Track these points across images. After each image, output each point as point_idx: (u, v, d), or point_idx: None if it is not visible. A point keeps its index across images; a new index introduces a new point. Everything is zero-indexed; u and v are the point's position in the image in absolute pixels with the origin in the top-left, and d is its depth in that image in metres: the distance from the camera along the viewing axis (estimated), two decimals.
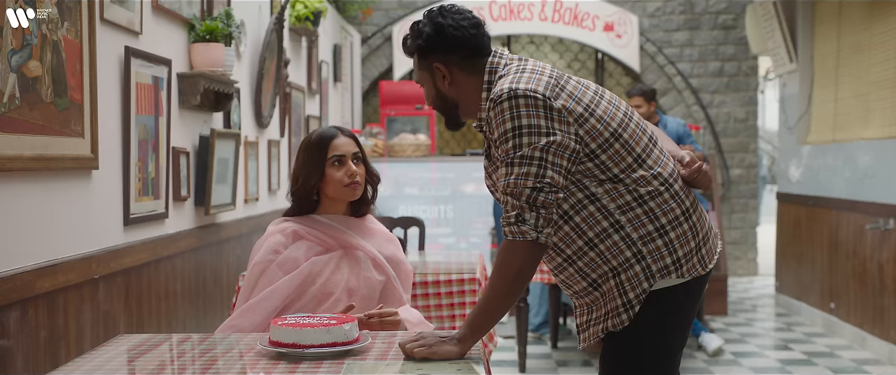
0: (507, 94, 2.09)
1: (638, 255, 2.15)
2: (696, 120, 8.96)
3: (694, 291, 2.25)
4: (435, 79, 2.28)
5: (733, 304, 7.46)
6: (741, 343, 6.01)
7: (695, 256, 2.20)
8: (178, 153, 3.61)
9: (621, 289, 2.17)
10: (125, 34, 3.11)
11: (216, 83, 3.85)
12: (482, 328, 2.11)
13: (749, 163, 9.09)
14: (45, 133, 2.55)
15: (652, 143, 2.22)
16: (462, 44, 2.22)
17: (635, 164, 2.14)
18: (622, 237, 2.15)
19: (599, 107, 2.15)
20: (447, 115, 2.35)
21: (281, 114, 5.44)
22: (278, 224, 2.64)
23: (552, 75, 2.17)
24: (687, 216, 2.19)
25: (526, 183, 2.07)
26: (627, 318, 2.17)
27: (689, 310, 2.28)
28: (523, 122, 2.07)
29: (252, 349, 2.16)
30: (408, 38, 2.31)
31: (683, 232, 2.18)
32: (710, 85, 9.04)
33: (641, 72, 9.02)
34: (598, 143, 2.12)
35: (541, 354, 5.67)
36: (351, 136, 2.69)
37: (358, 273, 2.57)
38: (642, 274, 2.16)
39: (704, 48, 9.02)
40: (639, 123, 2.23)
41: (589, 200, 2.14)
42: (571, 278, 2.25)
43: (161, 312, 3.47)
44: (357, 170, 2.65)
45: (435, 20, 2.24)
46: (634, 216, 2.14)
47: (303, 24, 5.77)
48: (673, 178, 2.19)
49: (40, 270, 2.49)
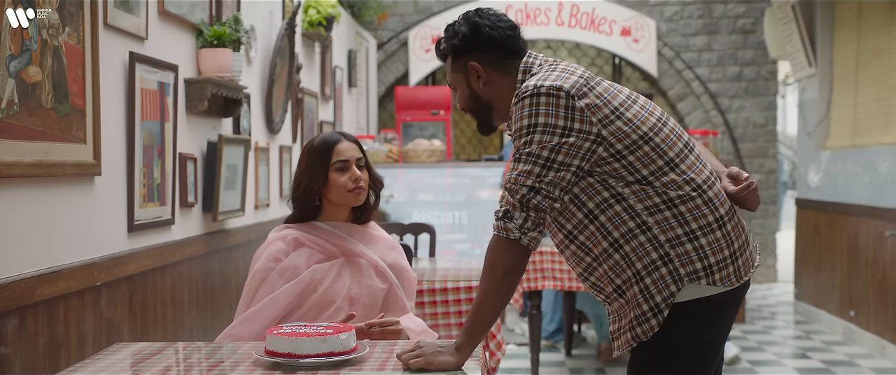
0: (531, 91, 2.07)
1: (665, 258, 2.09)
2: (714, 125, 8.87)
3: (728, 305, 2.18)
4: (469, 79, 2.25)
5: (751, 311, 7.37)
6: (758, 351, 5.93)
7: (730, 266, 2.13)
8: (185, 159, 3.60)
9: (647, 294, 2.11)
10: (130, 39, 3.10)
11: (224, 89, 3.83)
12: (478, 332, 2.07)
13: (769, 168, 8.99)
14: (45, 139, 2.53)
15: (687, 150, 2.17)
16: (498, 44, 2.21)
17: (667, 168, 2.10)
18: (649, 238, 2.09)
19: (630, 111, 2.11)
20: (480, 118, 2.31)
21: (293, 120, 5.42)
22: (279, 231, 2.61)
23: (582, 75, 2.13)
24: (721, 224, 2.12)
25: (525, 181, 2.04)
26: (657, 324, 2.11)
27: (721, 325, 2.21)
28: (540, 121, 2.05)
29: (249, 357, 2.13)
30: (442, 41, 2.29)
31: (716, 240, 2.11)
32: (729, 89, 8.95)
33: (659, 76, 8.94)
34: (624, 144, 2.07)
35: (554, 362, 5.62)
36: (354, 141, 2.66)
37: (360, 280, 2.54)
38: (669, 277, 2.09)
39: (723, 52, 8.93)
40: (674, 130, 2.19)
41: (615, 199, 2.09)
42: (601, 280, 2.20)
43: (167, 319, 3.45)
44: (361, 176, 2.61)
45: (472, 20, 2.23)
46: (663, 218, 2.09)
47: (316, 29, 5.76)
48: (707, 185, 2.13)
49: (40, 277, 2.48)
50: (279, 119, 5.01)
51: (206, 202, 3.86)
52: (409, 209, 7.34)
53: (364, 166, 2.64)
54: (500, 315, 3.90)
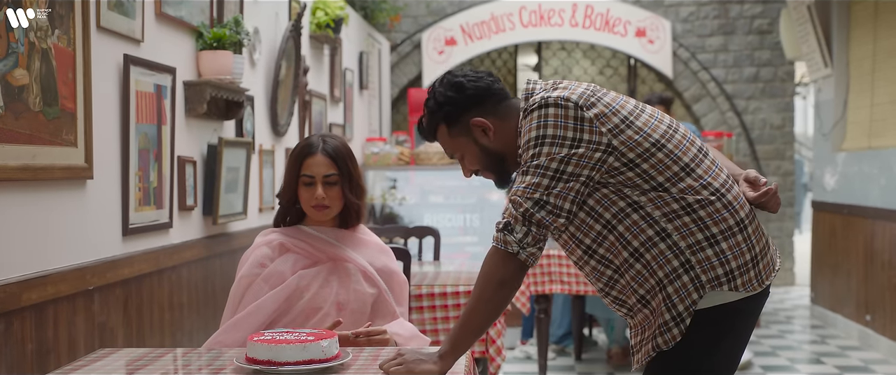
0: (539, 103, 2.05)
1: (686, 265, 2.05)
2: (730, 126, 8.78)
3: (748, 310, 2.14)
4: (475, 136, 2.20)
5: (767, 315, 7.27)
6: (772, 356, 5.84)
7: (751, 270, 2.09)
8: (184, 162, 3.57)
9: (670, 303, 2.06)
10: (124, 42, 3.07)
11: (225, 91, 3.81)
12: (464, 341, 2.03)
13: (785, 170, 8.89)
14: (32, 142, 2.51)
15: (702, 154, 2.13)
16: (487, 93, 2.18)
17: (683, 173, 2.06)
18: (669, 245, 2.05)
19: (639, 120, 2.08)
20: (496, 172, 2.26)
21: (300, 122, 5.39)
22: (265, 235, 2.57)
23: (588, 88, 2.11)
24: (741, 227, 2.08)
25: (532, 194, 2.01)
26: (679, 333, 2.06)
27: (742, 331, 2.17)
28: (549, 133, 2.02)
29: (230, 364, 2.09)
30: (425, 118, 2.24)
31: (737, 243, 2.07)
32: (745, 91, 8.85)
33: (674, 78, 8.86)
34: (636, 153, 2.04)
35: (564, 366, 5.56)
36: (330, 155, 2.55)
37: (348, 286, 2.49)
38: (691, 284, 2.05)
39: (739, 53, 8.84)
40: (686, 136, 2.15)
41: (632, 208, 2.05)
42: (624, 292, 2.15)
43: (165, 324, 3.42)
44: (324, 195, 2.53)
45: (451, 82, 2.20)
46: (682, 224, 2.05)
47: (324, 31, 5.73)
48: (726, 188, 2.09)
49: (27, 281, 2.45)
50: (285, 121, 4.98)
51: (207, 205, 3.84)
52: (421, 211, 7.31)
53: (335, 183, 2.54)
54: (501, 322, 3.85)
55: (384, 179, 7.48)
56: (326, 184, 2.53)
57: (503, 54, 9.55)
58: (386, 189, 7.42)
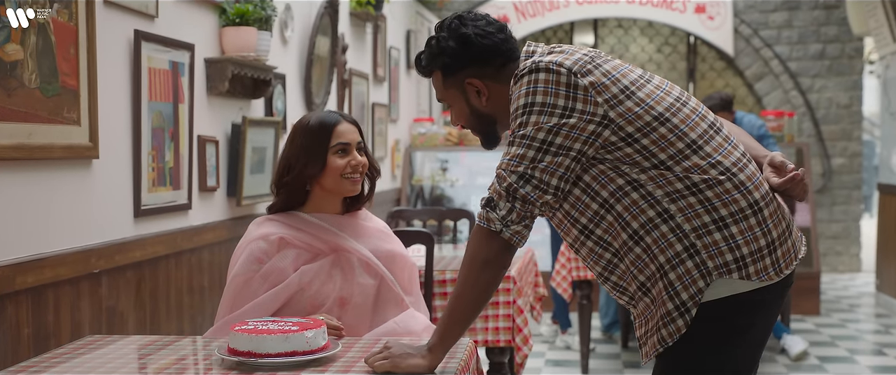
0: (528, 68, 1.87)
1: (690, 249, 1.85)
2: (794, 106, 8.43)
3: (766, 303, 1.92)
4: (468, 97, 2.03)
5: (828, 303, 6.97)
6: (830, 346, 5.57)
7: (767, 257, 1.88)
8: (205, 141, 3.48)
9: (672, 290, 1.86)
10: (135, 17, 2.98)
11: (249, 69, 3.70)
12: (452, 330, 1.87)
13: (852, 151, 8.52)
14: (28, 120, 2.42)
15: (713, 130, 1.92)
16: (493, 52, 1.98)
17: (688, 150, 1.86)
18: (672, 228, 1.85)
19: (642, 90, 1.88)
20: (484, 134, 2.10)
21: (338, 102, 5.28)
22: (261, 225, 2.38)
23: (587, 54, 1.92)
24: (755, 210, 1.87)
25: (516, 167, 1.83)
26: (683, 324, 1.86)
27: (759, 326, 1.95)
28: (538, 100, 1.84)
29: (211, 356, 1.98)
30: (423, 57, 2.05)
31: (749, 227, 1.86)
32: (811, 68, 8.49)
33: (735, 55, 8.54)
34: (636, 127, 1.84)
35: (609, 354, 5.37)
36: (354, 123, 2.45)
37: (351, 280, 2.32)
38: (696, 270, 1.85)
39: (804, 29, 8.47)
40: (696, 110, 1.94)
41: (632, 187, 1.86)
42: (624, 278, 1.96)
43: (183, 307, 3.34)
44: (361, 161, 2.40)
45: (458, 32, 1.98)
46: (687, 205, 1.85)
47: (364, 7, 5.60)
48: (738, 167, 1.88)
49: (20, 265, 2.37)
50: (321, 100, 4.87)
51: (231, 186, 3.75)
52: (468, 192, 7.17)
53: (364, 152, 2.43)
54: (531, 308, 3.69)
55: (434, 160, 7.35)
56: (358, 151, 2.39)
57: (558, 32, 9.31)
58: (435, 170, 7.29)
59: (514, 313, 3.20)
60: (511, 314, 3.19)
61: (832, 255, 8.55)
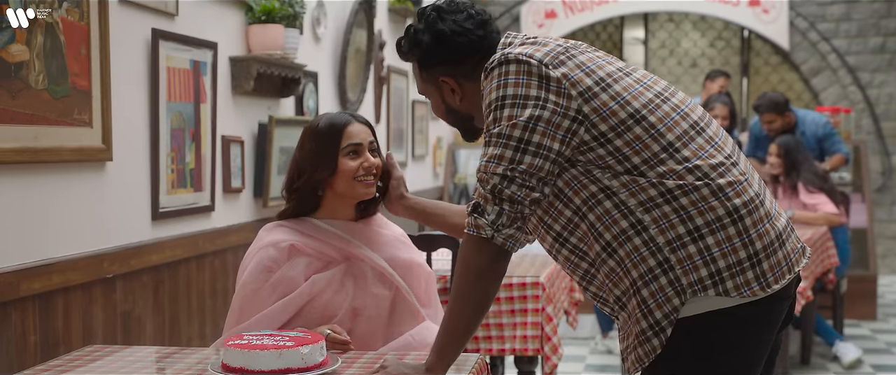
0: (498, 61, 1.74)
1: (664, 264, 1.70)
2: (852, 102, 8.14)
3: (754, 321, 1.75)
4: (442, 93, 1.92)
5: (886, 307, 6.69)
6: (886, 353, 5.33)
7: (749, 271, 1.70)
8: (229, 142, 3.41)
9: (646, 308, 1.71)
10: (152, 15, 2.92)
11: (276, 67, 3.63)
12: (450, 348, 1.75)
13: None
14: (33, 122, 2.36)
15: (696, 131, 1.76)
16: (468, 50, 1.85)
17: (664, 154, 1.70)
18: (644, 241, 1.70)
19: (619, 83, 1.74)
20: (461, 128, 1.99)
21: (375, 100, 5.19)
22: (271, 231, 2.27)
23: (561, 45, 1.78)
24: (735, 218, 1.70)
25: (495, 169, 1.70)
26: (659, 344, 1.71)
27: (749, 346, 1.77)
28: (509, 92, 1.71)
29: (203, 372, 1.89)
30: (404, 43, 1.93)
31: (727, 237, 1.69)
32: (870, 63, 8.19)
33: (791, 49, 8.27)
34: (610, 125, 1.70)
35: None
36: (366, 123, 2.34)
37: (365, 289, 2.21)
38: (670, 287, 1.69)
39: (864, 22, 8.17)
40: (678, 107, 1.77)
41: (604, 194, 1.72)
42: (602, 289, 1.82)
43: (205, 310, 3.27)
44: (375, 162, 2.29)
45: (434, 26, 1.85)
46: (661, 215, 1.69)
47: (403, 3, 5.51)
48: (718, 172, 1.72)
49: (25, 271, 2.32)
50: (356, 98, 4.79)
51: (258, 187, 3.68)
52: None
53: (375, 150, 2.32)
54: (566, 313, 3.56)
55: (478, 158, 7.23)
56: (370, 152, 2.29)
57: (608, 27, 9.12)
58: None
59: (542, 321, 3.07)
60: (540, 322, 3.07)
61: (892, 257, 8.24)
